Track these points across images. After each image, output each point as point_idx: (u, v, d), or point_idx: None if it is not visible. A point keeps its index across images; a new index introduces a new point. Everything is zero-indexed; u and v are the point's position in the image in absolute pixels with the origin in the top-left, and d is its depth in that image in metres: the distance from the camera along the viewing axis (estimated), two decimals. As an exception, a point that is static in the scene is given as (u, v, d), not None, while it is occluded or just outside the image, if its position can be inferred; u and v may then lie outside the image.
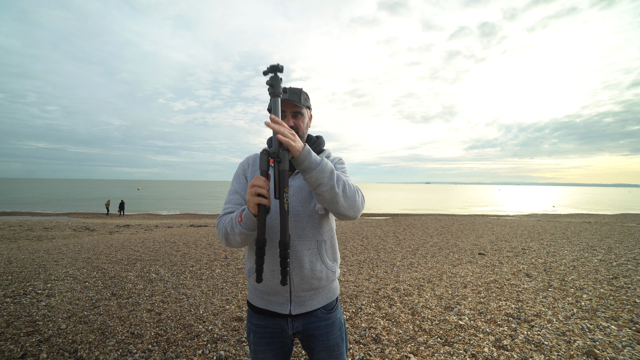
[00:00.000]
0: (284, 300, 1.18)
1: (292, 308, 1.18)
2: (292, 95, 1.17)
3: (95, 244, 8.00)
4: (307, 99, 1.23)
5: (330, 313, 1.24)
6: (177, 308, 3.53)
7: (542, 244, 7.70)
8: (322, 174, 1.00)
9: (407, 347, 2.62)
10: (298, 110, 1.19)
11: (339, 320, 1.27)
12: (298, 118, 1.20)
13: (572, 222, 14.31)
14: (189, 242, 8.12)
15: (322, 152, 1.29)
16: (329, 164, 1.03)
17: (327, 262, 1.21)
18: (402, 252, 6.90)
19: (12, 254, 6.51)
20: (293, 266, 1.15)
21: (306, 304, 1.19)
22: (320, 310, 1.22)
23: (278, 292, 1.17)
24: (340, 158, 1.34)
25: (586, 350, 2.48)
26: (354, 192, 1.09)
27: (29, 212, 24.57)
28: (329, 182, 1.01)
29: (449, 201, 47.61)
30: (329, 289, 1.25)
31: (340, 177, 1.06)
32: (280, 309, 1.18)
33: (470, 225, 12.22)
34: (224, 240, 1.13)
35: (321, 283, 1.19)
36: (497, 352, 2.48)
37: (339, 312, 1.28)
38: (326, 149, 1.33)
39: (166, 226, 14.13)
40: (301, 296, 1.18)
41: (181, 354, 2.56)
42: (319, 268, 1.17)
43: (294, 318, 1.19)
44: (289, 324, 1.19)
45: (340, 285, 4.39)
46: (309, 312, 1.20)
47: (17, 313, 3.31)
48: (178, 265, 5.57)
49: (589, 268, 5.11)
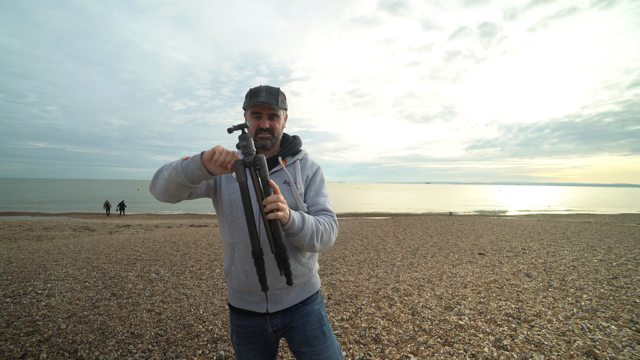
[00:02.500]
0: (260, 299, 1.18)
1: (269, 306, 1.18)
2: (269, 97, 1.16)
3: (95, 244, 8.00)
4: (284, 100, 1.23)
5: (306, 305, 1.23)
6: (177, 308, 3.53)
7: (542, 244, 7.70)
8: (303, 239, 1.06)
9: (407, 347, 2.62)
10: (274, 112, 1.18)
11: (317, 312, 1.25)
12: (274, 120, 1.19)
13: (572, 222, 14.30)
14: (189, 242, 8.13)
15: (299, 153, 1.29)
16: (310, 225, 1.07)
17: (302, 260, 1.20)
18: (402, 252, 6.90)
19: (12, 254, 6.51)
20: (267, 265, 1.12)
21: (282, 300, 1.19)
22: (297, 305, 1.22)
23: (253, 292, 1.17)
24: (318, 168, 1.32)
25: (586, 350, 2.48)
26: (329, 236, 1.14)
27: (29, 212, 24.57)
28: (310, 242, 1.08)
29: (449, 201, 47.61)
30: (307, 284, 1.25)
31: (319, 230, 1.09)
32: (257, 308, 1.19)
33: (470, 225, 12.22)
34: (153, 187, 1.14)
35: (297, 280, 1.19)
36: (497, 352, 2.48)
37: (317, 303, 1.27)
38: (303, 149, 1.32)
39: (166, 226, 14.12)
40: (276, 294, 1.18)
41: (181, 354, 2.56)
42: (293, 266, 1.16)
43: (272, 316, 1.19)
44: (268, 322, 1.19)
45: (340, 285, 4.39)
46: (286, 308, 1.20)
47: (17, 313, 3.31)
48: (178, 265, 5.57)
49: (589, 268, 5.11)
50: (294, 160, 1.26)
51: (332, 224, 1.16)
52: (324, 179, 1.31)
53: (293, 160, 1.26)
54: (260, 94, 1.16)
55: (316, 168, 1.30)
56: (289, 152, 1.27)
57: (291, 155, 1.27)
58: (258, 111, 1.17)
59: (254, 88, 1.20)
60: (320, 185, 1.26)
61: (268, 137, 1.19)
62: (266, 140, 1.19)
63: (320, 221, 1.12)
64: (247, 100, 1.20)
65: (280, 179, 1.21)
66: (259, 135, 1.19)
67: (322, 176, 1.30)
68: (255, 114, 1.18)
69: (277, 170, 1.22)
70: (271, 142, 1.21)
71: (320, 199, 1.23)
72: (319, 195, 1.24)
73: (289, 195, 1.18)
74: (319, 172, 1.30)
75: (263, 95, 1.15)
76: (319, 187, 1.26)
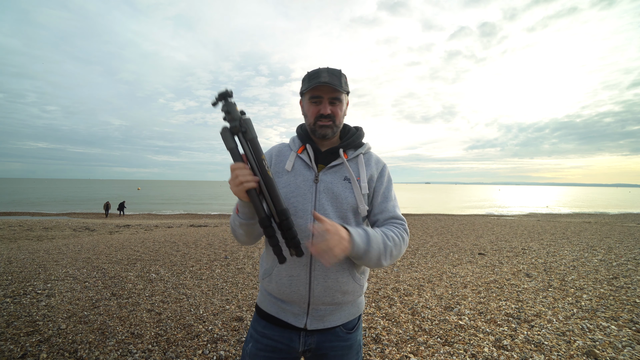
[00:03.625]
0: (299, 311, 1.02)
1: (308, 322, 1.01)
2: (331, 77, 1.00)
3: (95, 244, 8.00)
4: (346, 82, 1.06)
5: (350, 333, 1.08)
6: (177, 308, 3.53)
7: (542, 244, 7.70)
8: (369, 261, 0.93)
9: (407, 347, 2.62)
10: (337, 95, 1.02)
11: (358, 343, 1.10)
12: (336, 105, 1.03)
13: (572, 222, 14.30)
14: (189, 242, 8.12)
15: (362, 146, 1.12)
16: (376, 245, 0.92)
17: (355, 274, 1.04)
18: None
19: (12, 254, 6.51)
20: (316, 274, 0.99)
21: (325, 319, 1.03)
22: (340, 327, 1.05)
23: (294, 302, 1.02)
24: (385, 166, 1.14)
25: (586, 350, 2.48)
26: (399, 250, 0.99)
27: (29, 212, 24.57)
28: (377, 262, 0.95)
29: (449, 201, 47.61)
30: (354, 304, 1.09)
31: (387, 247, 0.95)
32: (294, 320, 1.02)
33: (470, 225, 12.22)
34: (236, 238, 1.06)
35: (346, 298, 1.03)
36: (497, 352, 2.48)
37: (359, 333, 1.12)
38: (366, 142, 1.14)
39: (166, 226, 14.12)
40: (321, 310, 1.02)
41: (181, 354, 2.56)
42: (345, 280, 1.01)
43: (309, 333, 1.03)
44: (301, 339, 1.02)
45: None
46: (327, 328, 1.03)
47: (17, 313, 3.31)
48: (178, 265, 5.57)
49: (589, 268, 5.11)
50: (357, 154, 1.09)
51: (402, 236, 1.01)
52: (392, 180, 1.15)
53: (355, 154, 1.09)
54: (321, 74, 1.01)
55: (382, 166, 1.13)
56: (351, 145, 1.10)
57: (353, 148, 1.11)
58: (318, 95, 1.02)
59: (312, 70, 1.05)
60: (388, 188, 1.11)
61: (329, 124, 1.03)
62: (327, 128, 1.04)
63: (389, 235, 0.97)
64: (306, 83, 1.05)
65: (340, 175, 1.05)
66: (318, 123, 1.03)
67: (389, 177, 1.13)
68: (315, 98, 1.02)
69: (336, 165, 1.06)
70: (332, 131, 1.05)
71: (389, 204, 1.08)
72: (387, 200, 1.08)
73: (350, 194, 1.03)
74: (386, 172, 1.13)
75: (325, 76, 1.00)
76: (387, 190, 1.10)
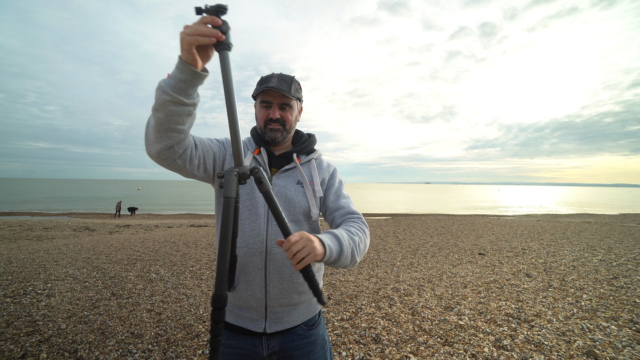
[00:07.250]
0: (257, 316, 1.02)
1: (267, 325, 1.02)
2: (281, 83, 1.02)
3: (95, 244, 8.00)
4: (298, 89, 1.08)
5: (311, 329, 1.09)
6: (177, 308, 3.53)
7: (542, 244, 7.70)
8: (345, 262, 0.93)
9: (407, 347, 2.62)
10: (287, 101, 1.05)
11: (322, 338, 1.12)
12: (286, 110, 1.06)
13: (572, 222, 14.30)
14: (189, 242, 8.12)
15: (314, 152, 1.18)
16: (347, 244, 0.92)
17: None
18: (402, 252, 6.90)
19: (12, 254, 6.51)
20: (271, 277, 1.01)
21: (284, 320, 1.04)
22: (300, 326, 1.07)
23: (252, 307, 1.02)
24: (335, 170, 1.19)
25: (586, 350, 2.48)
26: (365, 243, 1.01)
27: (29, 212, 24.56)
28: (352, 261, 0.95)
29: (450, 201, 47.62)
30: (311, 302, 1.11)
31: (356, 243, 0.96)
32: (253, 326, 1.03)
33: (470, 225, 12.22)
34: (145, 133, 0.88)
35: (302, 297, 1.05)
36: (497, 352, 2.48)
37: (321, 328, 1.13)
38: (317, 149, 1.20)
39: (166, 226, 14.12)
40: (278, 312, 1.03)
41: (181, 354, 2.56)
42: (301, 280, 1.02)
43: (270, 337, 1.04)
44: (264, 343, 1.03)
45: (340, 285, 4.39)
46: (286, 329, 1.05)
47: (17, 313, 3.31)
48: (178, 265, 5.57)
49: (589, 268, 5.11)
50: (309, 159, 1.14)
51: (363, 229, 1.04)
52: (342, 181, 1.20)
53: (308, 159, 1.14)
54: (271, 79, 1.03)
55: (333, 169, 1.19)
56: (303, 150, 1.15)
57: (305, 154, 1.15)
58: (268, 99, 1.04)
59: (265, 75, 1.08)
60: (339, 188, 1.15)
61: (278, 128, 1.06)
62: (276, 132, 1.06)
63: (353, 231, 0.99)
64: (257, 87, 1.07)
65: (292, 179, 1.08)
66: (268, 127, 1.06)
67: (339, 178, 1.19)
68: (265, 102, 1.05)
69: (290, 169, 1.09)
70: (282, 136, 1.08)
71: (342, 201, 1.11)
72: (340, 197, 1.12)
73: (302, 198, 1.06)
74: (336, 174, 1.19)
75: (274, 81, 1.01)
76: (339, 190, 1.15)
